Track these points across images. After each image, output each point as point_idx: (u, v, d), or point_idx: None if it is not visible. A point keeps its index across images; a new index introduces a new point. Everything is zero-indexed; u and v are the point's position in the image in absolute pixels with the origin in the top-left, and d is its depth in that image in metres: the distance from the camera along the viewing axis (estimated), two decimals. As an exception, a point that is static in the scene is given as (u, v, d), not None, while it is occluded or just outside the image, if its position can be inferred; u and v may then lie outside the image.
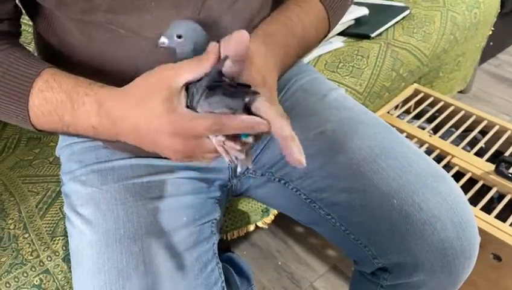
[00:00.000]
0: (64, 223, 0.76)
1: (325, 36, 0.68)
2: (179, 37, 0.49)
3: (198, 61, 0.46)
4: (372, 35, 1.23)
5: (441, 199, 0.62)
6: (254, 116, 0.46)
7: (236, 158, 0.48)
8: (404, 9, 1.32)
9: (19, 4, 0.58)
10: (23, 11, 0.60)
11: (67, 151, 0.72)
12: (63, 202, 0.71)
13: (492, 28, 1.60)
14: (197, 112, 0.46)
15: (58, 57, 0.59)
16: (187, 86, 0.47)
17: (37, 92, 0.51)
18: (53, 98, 0.51)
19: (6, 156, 0.97)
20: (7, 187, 0.84)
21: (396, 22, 1.29)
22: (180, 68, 0.46)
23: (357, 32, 1.25)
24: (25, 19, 0.63)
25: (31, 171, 0.87)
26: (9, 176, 0.87)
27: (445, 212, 0.61)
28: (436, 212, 0.61)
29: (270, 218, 1.04)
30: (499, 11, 1.56)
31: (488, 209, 0.98)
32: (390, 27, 1.28)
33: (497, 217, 0.96)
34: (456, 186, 0.66)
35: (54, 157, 0.89)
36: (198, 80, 0.46)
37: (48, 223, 0.77)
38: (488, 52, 1.82)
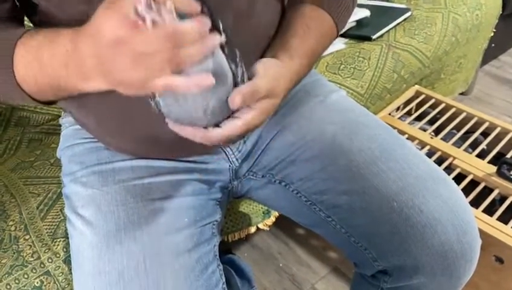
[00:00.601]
0: (65, 224, 0.76)
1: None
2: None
3: None
4: (374, 37, 1.23)
5: (442, 201, 0.62)
6: None
7: None
8: (405, 11, 1.32)
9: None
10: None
11: (68, 153, 0.72)
12: (63, 204, 0.71)
13: (494, 30, 1.59)
14: None
15: None
16: None
17: (20, 45, 0.51)
18: (34, 43, 0.50)
19: (7, 157, 0.97)
20: (8, 189, 0.84)
21: (398, 24, 1.29)
22: None
23: (359, 34, 1.25)
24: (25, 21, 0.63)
25: (32, 173, 0.87)
26: (10, 178, 0.87)
27: (445, 215, 0.61)
28: (437, 214, 0.61)
29: (271, 220, 1.04)
30: (501, 12, 1.56)
31: (490, 211, 0.98)
32: (391, 29, 1.28)
33: (499, 219, 0.96)
34: (457, 189, 0.66)
35: (55, 158, 0.89)
36: None
37: (48, 225, 0.77)
38: (490, 54, 1.82)
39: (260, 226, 1.04)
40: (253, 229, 1.03)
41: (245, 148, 0.72)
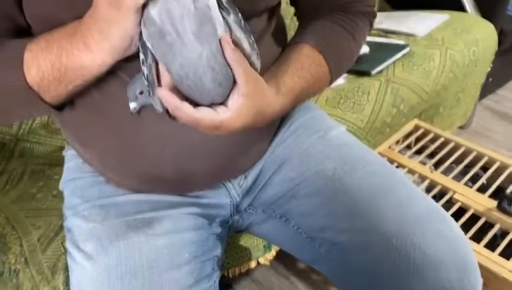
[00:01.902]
0: (65, 257, 0.75)
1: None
2: (141, 93, 0.51)
3: None
4: (373, 72, 1.26)
5: (442, 240, 0.62)
6: None
7: None
8: (403, 47, 1.35)
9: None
10: None
11: (70, 186, 0.73)
12: (65, 236, 0.71)
13: (491, 65, 1.62)
14: None
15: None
16: None
17: (29, 43, 0.52)
18: (42, 40, 0.52)
19: (10, 188, 0.98)
20: (9, 221, 0.84)
21: (396, 60, 1.32)
22: None
23: (358, 69, 1.28)
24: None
25: (33, 205, 0.87)
26: (12, 210, 0.87)
27: (445, 254, 0.61)
28: (437, 253, 0.61)
29: (271, 254, 1.04)
30: (497, 48, 1.59)
31: (491, 246, 0.97)
32: (390, 64, 1.30)
33: (501, 254, 0.95)
34: (457, 227, 0.66)
35: (57, 190, 0.89)
36: None
37: (49, 258, 0.77)
38: (488, 88, 1.85)
39: (261, 260, 1.03)
40: (253, 264, 1.02)
41: (246, 183, 0.73)
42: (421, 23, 1.50)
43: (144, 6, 0.45)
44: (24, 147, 1.05)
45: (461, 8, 1.64)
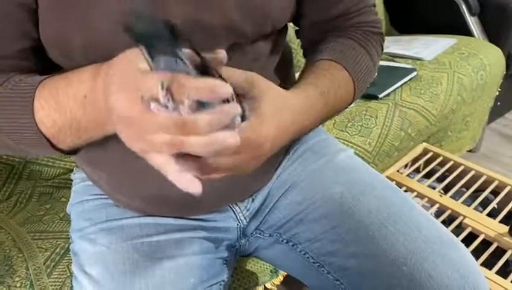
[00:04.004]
0: (70, 281, 0.75)
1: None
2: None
3: None
4: (380, 96, 1.26)
5: (452, 266, 0.61)
6: (215, 79, 0.41)
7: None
8: (411, 71, 1.36)
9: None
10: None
11: (78, 209, 0.73)
12: (71, 259, 0.70)
13: (499, 89, 1.62)
14: None
15: None
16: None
17: (40, 87, 0.51)
18: (51, 84, 0.51)
19: (17, 211, 0.98)
20: (16, 243, 0.84)
21: (404, 83, 1.32)
22: None
23: (365, 92, 1.27)
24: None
25: (40, 227, 0.87)
26: (19, 232, 0.87)
27: (456, 281, 0.60)
28: (447, 280, 0.60)
29: (279, 279, 1.02)
30: (505, 72, 1.59)
31: (504, 272, 0.95)
32: (397, 88, 1.31)
33: (513, 281, 0.93)
34: (467, 253, 0.65)
35: (64, 213, 0.89)
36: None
37: (54, 282, 0.76)
38: (496, 112, 1.84)
39: (268, 285, 1.01)
40: (260, 289, 1.00)
41: (253, 206, 0.72)
42: (428, 47, 1.51)
43: None
44: (33, 169, 1.06)
45: (468, 33, 1.65)
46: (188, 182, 0.42)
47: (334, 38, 0.66)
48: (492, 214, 1.10)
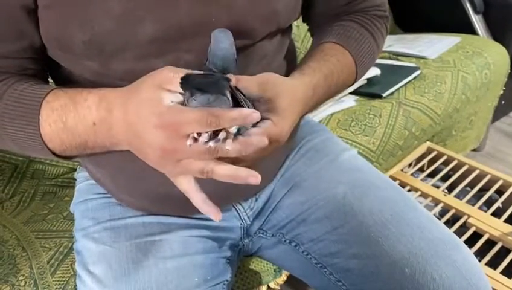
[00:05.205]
0: (74, 280, 0.75)
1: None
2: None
3: None
4: (384, 94, 1.25)
5: (454, 268, 0.60)
6: (245, 108, 0.45)
7: None
8: (415, 69, 1.35)
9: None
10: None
11: (81, 208, 0.73)
12: (74, 258, 0.71)
13: (504, 88, 1.61)
14: None
15: None
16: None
17: (45, 104, 0.52)
18: (58, 105, 0.51)
19: (21, 210, 0.98)
20: (20, 242, 0.84)
21: (408, 82, 1.32)
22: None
23: (369, 91, 1.28)
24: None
25: (44, 226, 0.88)
26: (22, 231, 0.87)
27: (458, 283, 0.59)
28: (449, 282, 0.59)
29: (282, 278, 1.02)
30: (509, 71, 1.58)
31: (508, 272, 0.95)
32: (401, 87, 1.30)
33: (519, 281, 0.92)
34: (470, 255, 0.64)
35: (68, 212, 0.89)
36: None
37: (58, 280, 0.76)
38: (500, 111, 1.83)
39: (271, 285, 1.01)
40: (264, 289, 1.00)
41: (256, 206, 0.72)
42: (432, 46, 1.50)
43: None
44: (36, 168, 1.06)
45: (472, 31, 1.64)
46: (210, 209, 0.50)
47: (339, 21, 0.67)
48: (496, 214, 1.10)
